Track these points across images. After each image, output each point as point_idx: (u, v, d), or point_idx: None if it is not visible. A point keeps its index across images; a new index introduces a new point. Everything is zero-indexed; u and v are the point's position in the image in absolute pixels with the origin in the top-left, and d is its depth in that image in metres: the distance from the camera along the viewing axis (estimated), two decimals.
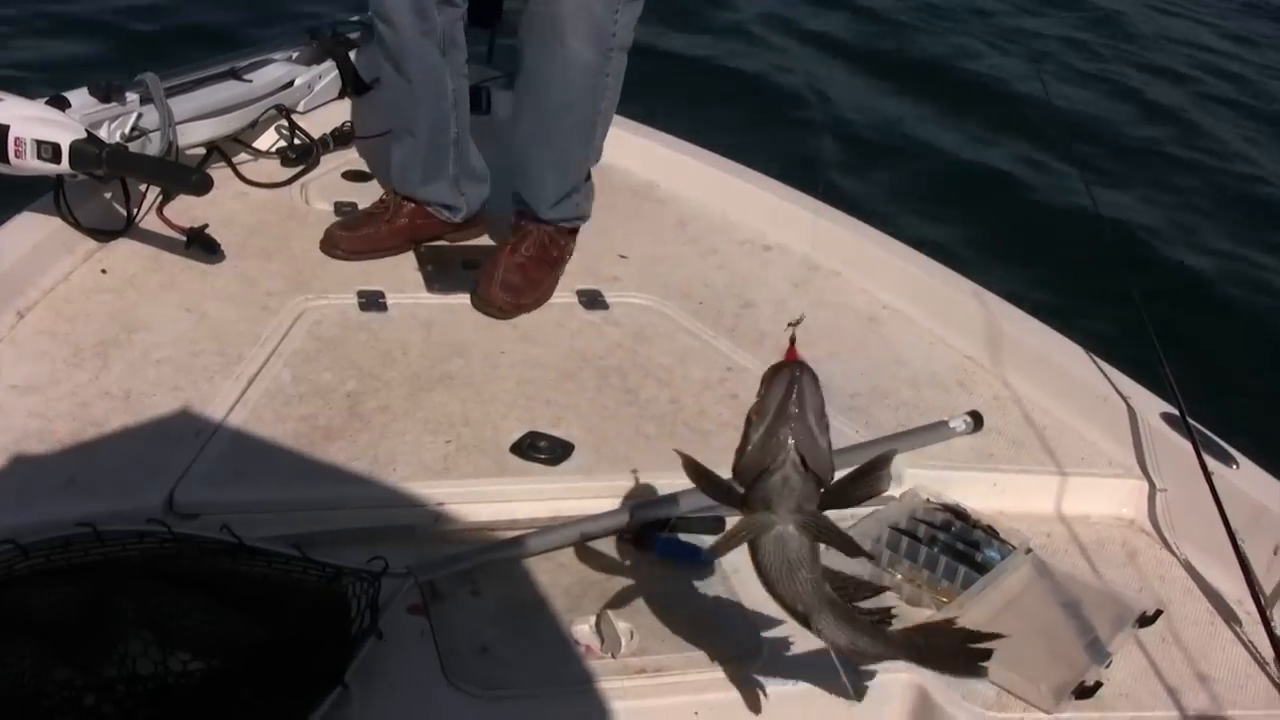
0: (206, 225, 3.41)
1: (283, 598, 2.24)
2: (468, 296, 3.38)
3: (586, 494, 2.70)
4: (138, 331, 3.01)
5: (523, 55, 3.26)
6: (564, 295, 3.46)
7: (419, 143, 3.47)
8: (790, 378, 2.00)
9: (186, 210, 3.46)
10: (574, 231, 3.53)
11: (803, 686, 2.36)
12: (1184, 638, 2.68)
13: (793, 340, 2.08)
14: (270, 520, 2.43)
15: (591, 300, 3.44)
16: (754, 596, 2.51)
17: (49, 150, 3.07)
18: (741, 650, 2.38)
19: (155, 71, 3.51)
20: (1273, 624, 2.64)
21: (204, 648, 2.08)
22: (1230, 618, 2.77)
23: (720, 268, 3.66)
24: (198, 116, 3.67)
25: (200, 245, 3.37)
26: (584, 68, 3.16)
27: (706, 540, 2.64)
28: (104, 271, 3.25)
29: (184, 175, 3.34)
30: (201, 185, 3.23)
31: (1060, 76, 8.97)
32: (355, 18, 4.33)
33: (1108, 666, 2.51)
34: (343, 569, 2.28)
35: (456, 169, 3.52)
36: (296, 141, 3.98)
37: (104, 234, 3.37)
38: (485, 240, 3.70)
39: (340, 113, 4.16)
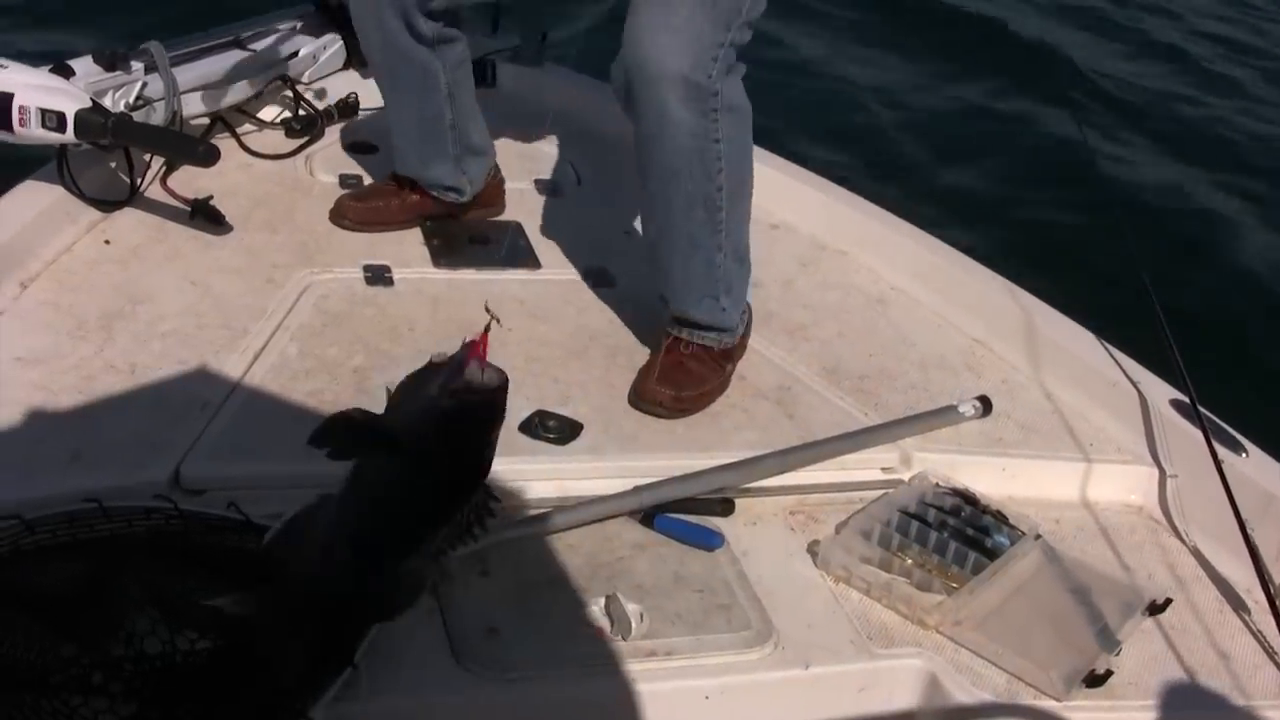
0: (211, 196, 3.38)
1: None
2: (474, 272, 3.36)
3: (596, 474, 2.68)
4: (142, 303, 2.98)
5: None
6: (570, 272, 3.44)
7: (414, 134, 3.42)
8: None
9: (190, 181, 3.42)
10: (725, 354, 3.06)
11: (814, 671, 2.35)
12: (1193, 626, 2.68)
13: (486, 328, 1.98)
14: (277, 497, 2.38)
15: (599, 277, 3.42)
16: (765, 580, 2.51)
17: (54, 119, 3.04)
18: (753, 634, 2.37)
19: (160, 40, 3.47)
20: None
21: (212, 626, 2.07)
22: (1239, 606, 2.77)
23: None
24: (202, 86, 3.64)
25: (205, 216, 3.34)
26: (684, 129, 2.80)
27: (715, 522, 2.63)
28: (107, 242, 3.22)
29: (191, 146, 3.31)
30: (209, 156, 3.20)
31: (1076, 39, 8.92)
32: None
33: (1117, 654, 2.51)
34: None
35: (457, 150, 3.46)
36: (301, 113, 3.94)
37: (107, 204, 3.34)
38: (498, 216, 3.67)
39: (345, 84, 4.12)
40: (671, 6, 2.70)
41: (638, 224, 3.17)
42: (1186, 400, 3.05)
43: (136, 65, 3.38)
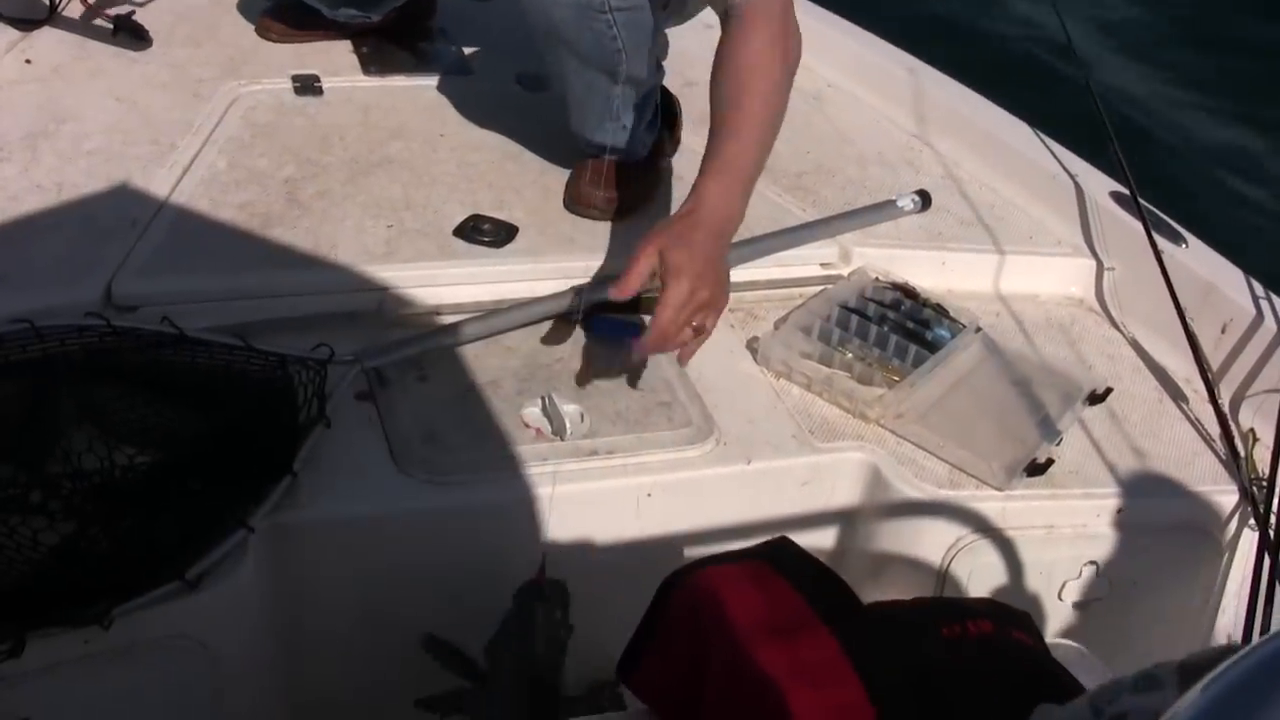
0: (133, 11, 3.31)
1: (228, 387, 2.21)
2: (405, 78, 3.31)
3: (532, 276, 2.65)
4: (66, 122, 2.92)
5: None
6: (503, 77, 3.39)
7: None
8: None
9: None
10: (655, 152, 3.02)
11: (756, 466, 2.37)
12: (1133, 416, 2.70)
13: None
14: (212, 310, 2.39)
15: (532, 82, 3.36)
16: (705, 377, 2.51)
17: None
18: (694, 431, 2.37)
19: None
20: (1220, 401, 2.68)
21: (149, 441, 2.06)
22: (1178, 395, 2.79)
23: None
24: None
25: (127, 33, 3.26)
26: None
27: None
28: (28, 62, 3.15)
29: None
30: None
31: None
32: None
33: (1058, 444, 2.53)
34: (287, 357, 2.25)
35: None
36: None
37: (26, 23, 3.26)
38: (430, 21, 3.60)
39: None
40: None
41: None
42: (1126, 192, 3.04)
43: None
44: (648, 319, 2.54)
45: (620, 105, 2.81)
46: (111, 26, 3.27)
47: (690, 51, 3.10)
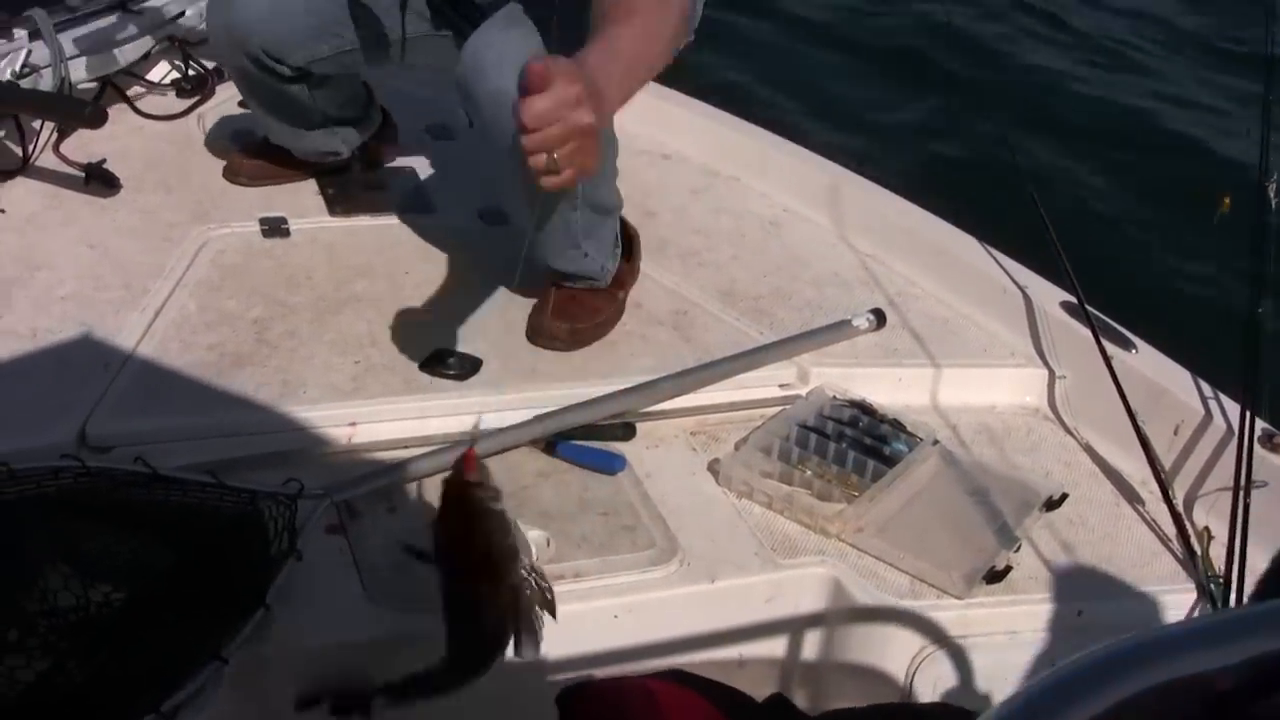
0: (104, 160, 3.38)
1: (200, 524, 2.25)
2: (370, 218, 3.38)
3: (497, 406, 2.71)
4: (40, 269, 2.99)
5: None
6: (464, 213, 3.46)
7: (281, 117, 3.38)
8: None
9: (83, 146, 3.43)
10: (616, 283, 3.10)
11: (721, 585, 2.41)
12: (1090, 519, 2.75)
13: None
14: (184, 449, 2.44)
15: (493, 217, 3.44)
16: (668, 500, 2.56)
17: None
18: (658, 552, 2.42)
19: (44, 6, 3.46)
20: (1175, 502, 2.72)
21: (124, 577, 2.09)
22: (1134, 498, 2.84)
23: (620, 179, 3.66)
24: (89, 51, 3.62)
25: (99, 180, 3.34)
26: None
27: (617, 447, 2.68)
28: (2, 210, 3.22)
29: (78, 108, 3.31)
30: (96, 118, 3.21)
31: None
32: None
33: (1017, 551, 2.58)
34: (258, 493, 2.30)
35: (327, 124, 3.42)
36: (191, 72, 3.93)
37: (0, 174, 3.32)
38: (392, 162, 3.69)
39: None
40: (509, 22, 2.71)
41: None
42: (1075, 301, 3.12)
43: (20, 33, 3.37)
44: (614, 445, 2.61)
45: (580, 231, 2.89)
46: (83, 175, 3.34)
47: (649, 183, 3.18)
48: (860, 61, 7.04)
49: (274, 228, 3.27)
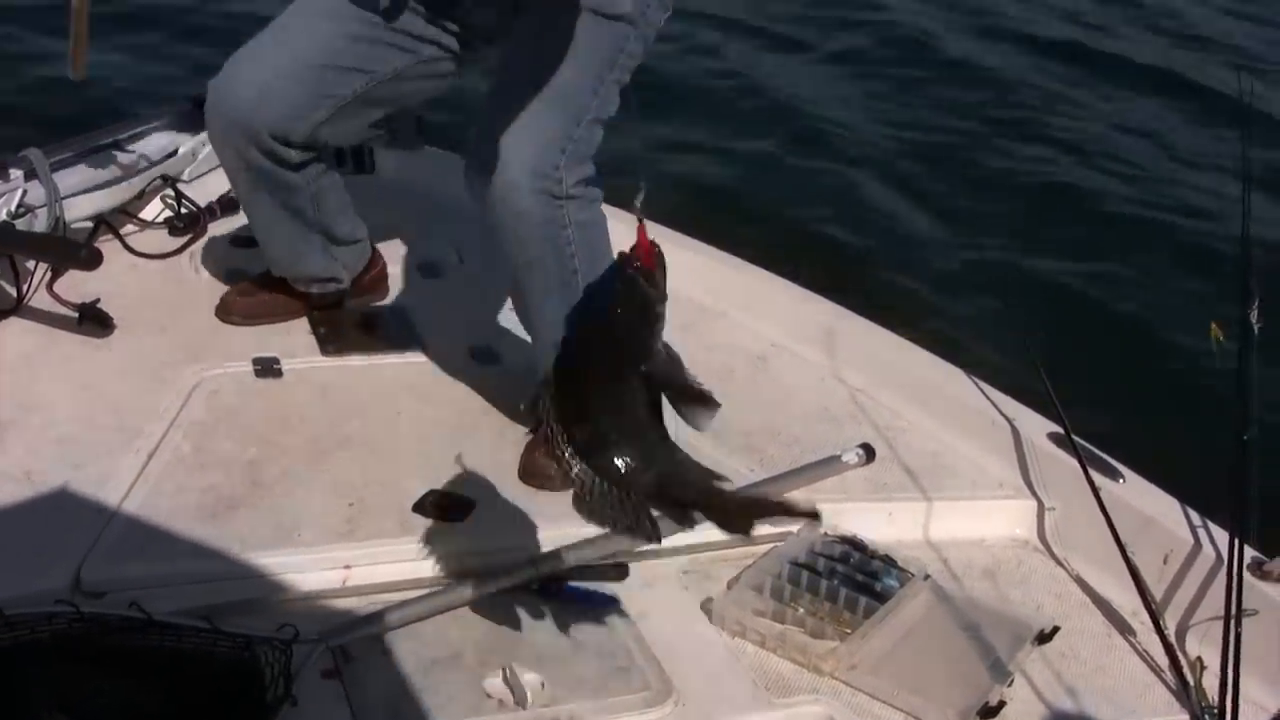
0: (98, 300, 3.38)
1: (195, 670, 2.25)
2: (362, 358, 3.39)
3: (490, 547, 2.73)
4: (34, 411, 2.99)
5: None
6: (455, 352, 3.47)
7: (281, 237, 3.41)
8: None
9: (77, 286, 3.43)
10: None
11: None
12: (1082, 651, 2.77)
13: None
14: (179, 593, 2.44)
15: (484, 355, 3.47)
16: (662, 640, 2.56)
17: None
18: (653, 694, 2.43)
19: (39, 146, 3.50)
20: (1166, 632, 2.73)
21: None
22: (1125, 629, 2.86)
23: None
24: (84, 190, 3.65)
25: (93, 320, 3.34)
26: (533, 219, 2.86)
27: (610, 587, 2.69)
28: None
29: (73, 250, 3.34)
30: (91, 260, 3.24)
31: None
32: None
33: (1010, 685, 2.59)
34: (253, 638, 2.30)
35: (326, 244, 3.45)
36: (183, 210, 3.95)
37: None
38: (382, 300, 3.70)
39: (225, 179, 4.07)
40: (518, 105, 2.76)
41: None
42: (1062, 431, 3.14)
43: (16, 173, 3.41)
44: (607, 585, 2.62)
45: None
46: (77, 315, 3.35)
47: None
48: (848, 186, 7.08)
49: (267, 368, 3.29)
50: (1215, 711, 2.53)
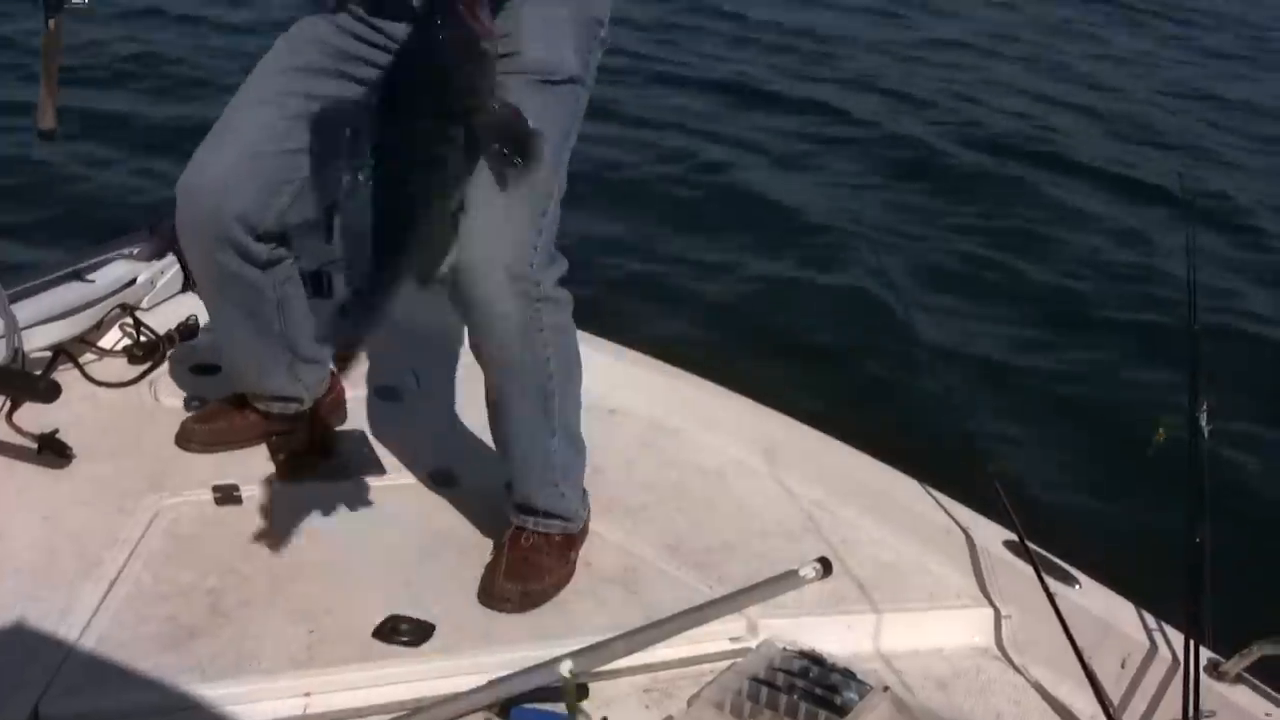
0: (57, 430, 3.39)
1: None
2: (322, 481, 3.40)
3: (451, 672, 2.73)
4: None
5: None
6: (415, 476, 3.49)
7: (245, 348, 3.41)
8: None
9: (36, 416, 3.43)
10: (567, 542, 3.16)
11: None
12: None
13: None
14: None
15: (443, 478, 3.48)
16: None
17: None
18: None
19: None
20: None
21: None
22: None
23: None
24: (42, 320, 3.68)
25: (51, 450, 3.35)
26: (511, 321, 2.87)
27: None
28: None
29: (32, 383, 3.35)
30: (50, 393, 3.26)
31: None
32: None
33: None
34: None
35: (290, 359, 3.45)
36: (142, 339, 3.97)
37: None
38: (341, 424, 3.72)
39: (184, 307, 4.12)
40: (490, 206, 2.78)
41: (477, 421, 3.26)
42: (1016, 539, 3.17)
43: None
44: (564, 708, 2.63)
45: (559, 469, 3.03)
46: (36, 445, 3.36)
47: (595, 439, 3.23)
48: (808, 307, 7.14)
49: (227, 495, 3.30)
50: None
